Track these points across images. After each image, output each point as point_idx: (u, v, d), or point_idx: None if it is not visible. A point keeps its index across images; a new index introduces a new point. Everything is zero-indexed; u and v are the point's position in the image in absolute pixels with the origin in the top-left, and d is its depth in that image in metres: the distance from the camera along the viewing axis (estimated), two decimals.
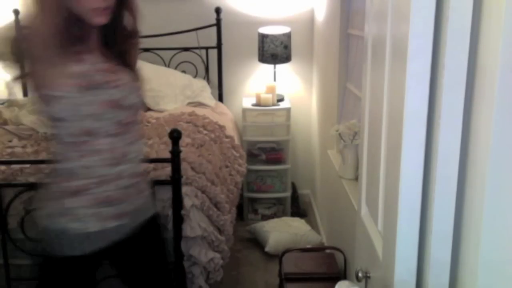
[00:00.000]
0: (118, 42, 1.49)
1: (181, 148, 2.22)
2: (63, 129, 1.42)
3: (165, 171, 2.29)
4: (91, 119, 1.40)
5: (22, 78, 1.46)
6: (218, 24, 3.86)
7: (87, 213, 1.47)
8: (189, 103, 3.71)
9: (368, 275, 1.30)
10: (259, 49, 3.77)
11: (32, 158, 2.62)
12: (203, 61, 3.91)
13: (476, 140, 0.89)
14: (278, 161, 3.89)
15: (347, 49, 2.89)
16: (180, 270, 2.27)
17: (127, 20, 1.49)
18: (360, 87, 2.45)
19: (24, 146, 2.81)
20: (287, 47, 3.73)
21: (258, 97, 3.76)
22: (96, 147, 1.43)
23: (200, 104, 3.64)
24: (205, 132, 3.08)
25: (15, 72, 1.42)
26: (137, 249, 1.63)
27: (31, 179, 2.37)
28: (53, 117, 1.43)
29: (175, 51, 3.84)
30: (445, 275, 0.99)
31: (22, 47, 1.37)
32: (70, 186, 1.45)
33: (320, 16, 3.62)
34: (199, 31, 3.81)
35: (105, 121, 1.42)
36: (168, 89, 3.60)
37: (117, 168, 1.46)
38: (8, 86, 3.52)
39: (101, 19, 1.38)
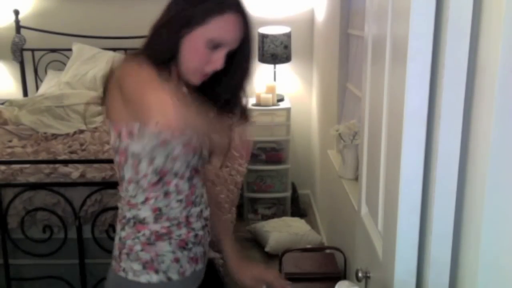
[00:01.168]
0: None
1: None
2: (136, 167, 1.33)
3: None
4: (168, 160, 1.33)
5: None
6: None
7: (171, 258, 1.37)
8: None
9: (368, 275, 1.30)
10: (259, 49, 3.77)
11: (32, 158, 2.62)
12: None
13: (476, 140, 0.89)
14: (278, 161, 3.89)
15: (347, 49, 2.89)
16: None
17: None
18: (360, 87, 2.45)
19: (24, 146, 2.81)
20: (287, 47, 3.72)
21: (258, 97, 3.76)
22: (169, 188, 1.37)
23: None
24: None
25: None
26: None
27: (31, 179, 2.37)
28: (126, 152, 1.33)
29: None
30: (445, 275, 0.99)
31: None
32: (147, 232, 1.38)
33: (320, 16, 3.62)
34: None
35: (179, 163, 1.35)
36: None
37: (193, 210, 1.41)
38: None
39: (197, 81, 1.30)
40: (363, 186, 1.43)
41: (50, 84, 3.77)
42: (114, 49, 3.85)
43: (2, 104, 3.46)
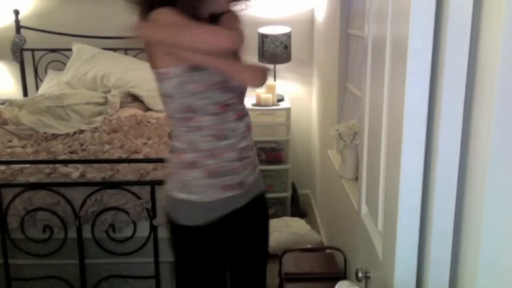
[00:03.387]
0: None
1: None
2: (172, 105, 1.56)
3: (165, 171, 2.30)
4: (194, 98, 1.52)
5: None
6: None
7: (201, 184, 1.57)
8: None
9: (368, 275, 1.30)
10: (259, 49, 3.77)
11: (32, 158, 2.62)
12: None
13: (476, 140, 0.89)
14: (278, 161, 3.89)
15: (347, 49, 2.89)
16: None
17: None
18: (360, 87, 2.45)
19: (24, 146, 2.81)
20: (287, 47, 3.72)
21: (258, 97, 3.76)
22: (199, 124, 1.55)
23: None
24: None
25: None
26: (248, 224, 1.73)
27: (31, 179, 2.37)
28: (163, 94, 1.56)
29: None
30: (445, 275, 0.99)
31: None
32: (182, 159, 1.58)
33: (320, 16, 3.62)
34: None
35: (205, 100, 1.52)
36: None
37: (223, 143, 1.56)
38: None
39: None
40: (363, 186, 1.43)
41: (50, 84, 3.77)
42: (114, 49, 3.85)
43: (2, 104, 3.46)
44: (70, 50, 3.86)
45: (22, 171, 2.41)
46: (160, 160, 2.32)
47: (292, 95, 4.02)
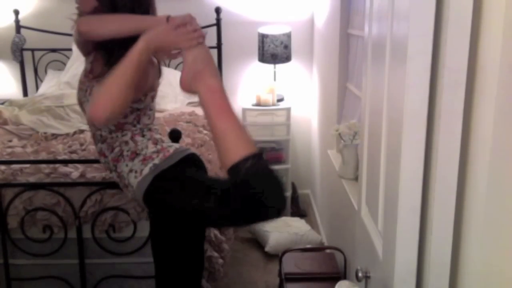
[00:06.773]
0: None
1: None
2: None
3: None
4: None
5: None
6: (218, 24, 3.86)
7: None
8: (189, 103, 3.71)
9: (368, 275, 1.30)
10: (259, 49, 3.77)
11: (32, 158, 2.62)
12: None
13: (476, 140, 0.89)
14: (278, 161, 3.89)
15: (347, 49, 2.89)
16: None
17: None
18: (360, 87, 2.46)
19: (24, 146, 2.81)
20: (287, 47, 3.73)
21: (258, 97, 3.76)
22: None
23: (200, 104, 3.63)
24: (205, 132, 3.08)
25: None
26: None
27: (31, 179, 2.37)
28: None
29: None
30: (445, 275, 0.99)
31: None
32: None
33: (320, 16, 3.62)
34: None
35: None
36: (168, 89, 3.60)
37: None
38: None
39: None
40: (363, 186, 1.43)
41: (50, 84, 3.76)
42: None
43: (2, 104, 3.46)
44: (70, 50, 3.85)
45: (22, 171, 2.41)
46: None
47: (292, 95, 4.02)
